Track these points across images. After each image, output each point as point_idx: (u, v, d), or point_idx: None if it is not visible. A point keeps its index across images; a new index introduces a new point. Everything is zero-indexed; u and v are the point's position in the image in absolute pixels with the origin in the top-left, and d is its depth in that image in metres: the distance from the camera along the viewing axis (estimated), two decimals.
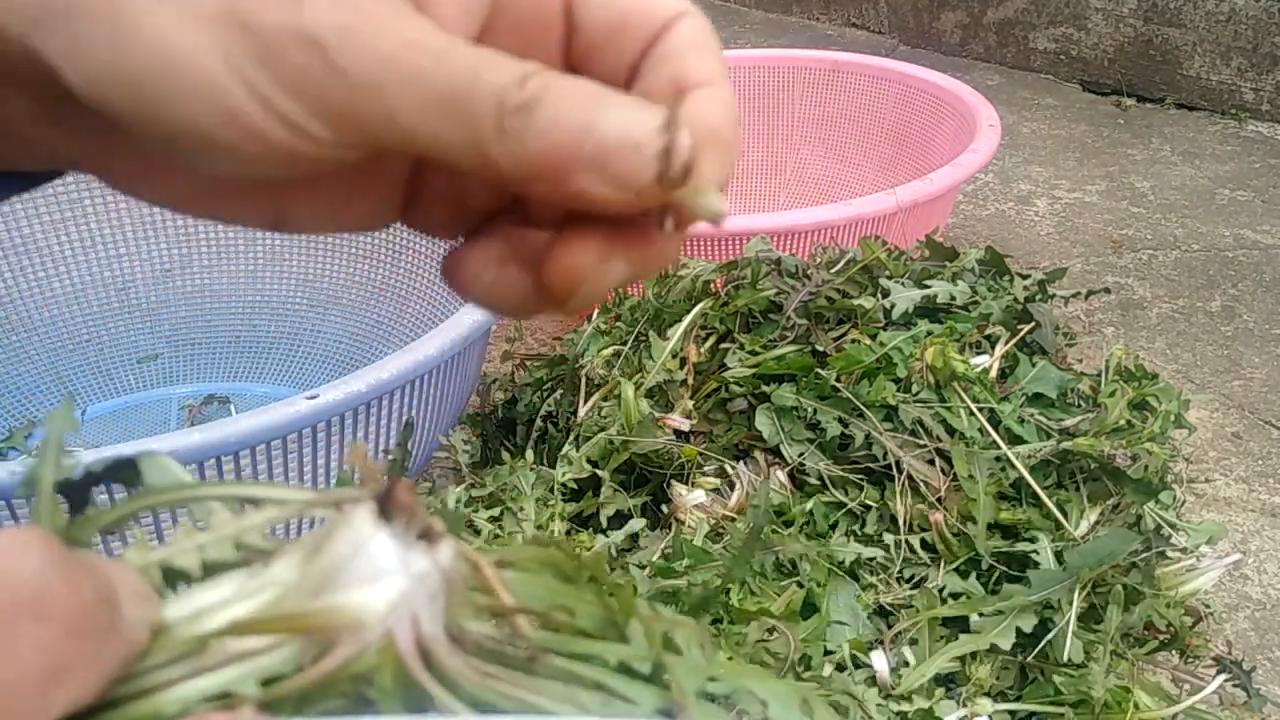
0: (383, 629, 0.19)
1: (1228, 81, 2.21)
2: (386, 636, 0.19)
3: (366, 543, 0.20)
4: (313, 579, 0.20)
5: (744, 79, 1.88)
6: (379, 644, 0.19)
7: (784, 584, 0.84)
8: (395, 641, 0.19)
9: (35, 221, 1.36)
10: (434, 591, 0.20)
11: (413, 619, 0.20)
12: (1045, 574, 0.81)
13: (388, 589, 0.19)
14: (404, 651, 0.19)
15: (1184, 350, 1.46)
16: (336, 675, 0.19)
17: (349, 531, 0.20)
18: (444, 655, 0.20)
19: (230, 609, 0.19)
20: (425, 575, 0.20)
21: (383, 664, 0.19)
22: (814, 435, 0.91)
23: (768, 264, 1.01)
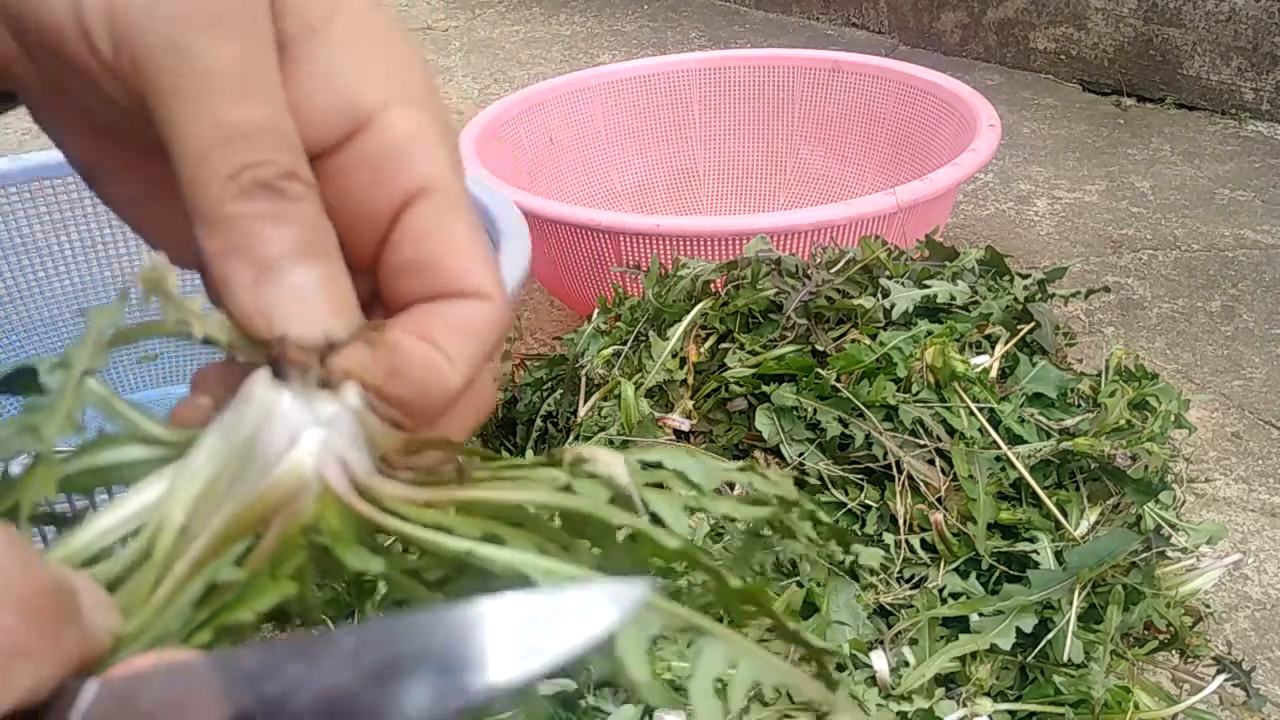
0: (317, 479, 0.20)
1: (1228, 81, 2.21)
2: (321, 484, 0.20)
3: (272, 405, 0.20)
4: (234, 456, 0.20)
5: (744, 79, 1.88)
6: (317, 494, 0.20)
7: (784, 584, 0.84)
8: (330, 486, 0.20)
9: (35, 222, 1.36)
10: (352, 431, 0.20)
11: (340, 461, 0.20)
12: (1045, 574, 0.81)
13: (308, 441, 0.20)
14: (341, 492, 0.20)
15: (1184, 350, 1.46)
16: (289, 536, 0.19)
17: (252, 400, 0.20)
18: (380, 486, 0.20)
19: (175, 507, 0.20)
20: (338, 418, 0.20)
21: (324, 509, 0.20)
22: (814, 435, 0.91)
23: (768, 264, 1.01)
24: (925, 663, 0.79)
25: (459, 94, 2.59)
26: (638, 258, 1.30)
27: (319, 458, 0.20)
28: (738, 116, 1.90)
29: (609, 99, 1.84)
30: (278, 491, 0.20)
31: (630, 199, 1.86)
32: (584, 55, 2.79)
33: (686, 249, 1.26)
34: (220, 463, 0.20)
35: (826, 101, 1.84)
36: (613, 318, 1.09)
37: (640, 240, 1.30)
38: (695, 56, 1.90)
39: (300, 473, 0.20)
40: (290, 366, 0.20)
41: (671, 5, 3.14)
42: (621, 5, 3.16)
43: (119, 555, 0.20)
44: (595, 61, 2.70)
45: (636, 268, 1.23)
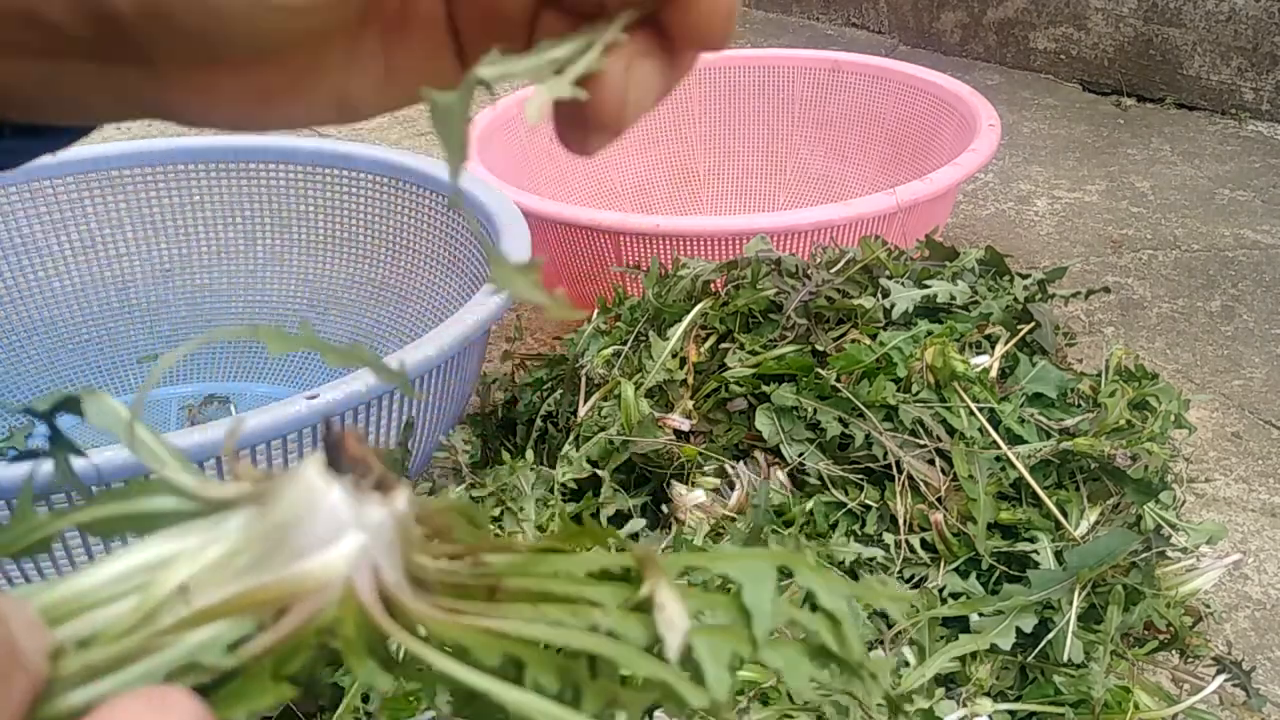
0: (344, 584, 0.19)
1: (1227, 81, 2.21)
2: (347, 588, 0.19)
3: (320, 498, 0.19)
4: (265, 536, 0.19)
5: (744, 79, 1.88)
6: (340, 596, 0.19)
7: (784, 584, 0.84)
8: (356, 593, 0.19)
9: (35, 222, 1.36)
10: (392, 541, 0.20)
11: (373, 570, 0.19)
12: (1045, 574, 0.81)
13: (346, 546, 0.19)
14: (366, 603, 0.19)
15: (1184, 350, 1.46)
16: (300, 633, 0.19)
17: (300, 486, 0.19)
18: (406, 600, 0.20)
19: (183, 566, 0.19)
20: (382, 525, 0.20)
21: (345, 615, 0.19)
22: (814, 435, 0.91)
23: (768, 264, 1.01)
24: (925, 663, 0.79)
25: None
26: (638, 258, 1.30)
27: (353, 564, 0.19)
28: (738, 116, 1.90)
29: None
30: (301, 586, 0.19)
31: (630, 199, 1.86)
32: None
33: (686, 249, 1.26)
34: (248, 537, 0.19)
35: (826, 101, 1.84)
36: (613, 318, 1.09)
37: (640, 240, 1.30)
38: None
39: (330, 574, 0.19)
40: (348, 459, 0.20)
41: None
42: None
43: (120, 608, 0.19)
44: None
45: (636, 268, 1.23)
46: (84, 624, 0.18)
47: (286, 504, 0.19)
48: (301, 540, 0.19)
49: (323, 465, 0.20)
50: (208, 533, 0.20)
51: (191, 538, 0.19)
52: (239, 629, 0.19)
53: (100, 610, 0.19)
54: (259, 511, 0.20)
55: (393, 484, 0.20)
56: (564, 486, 0.94)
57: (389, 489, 0.20)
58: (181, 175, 1.40)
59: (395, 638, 0.19)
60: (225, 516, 0.20)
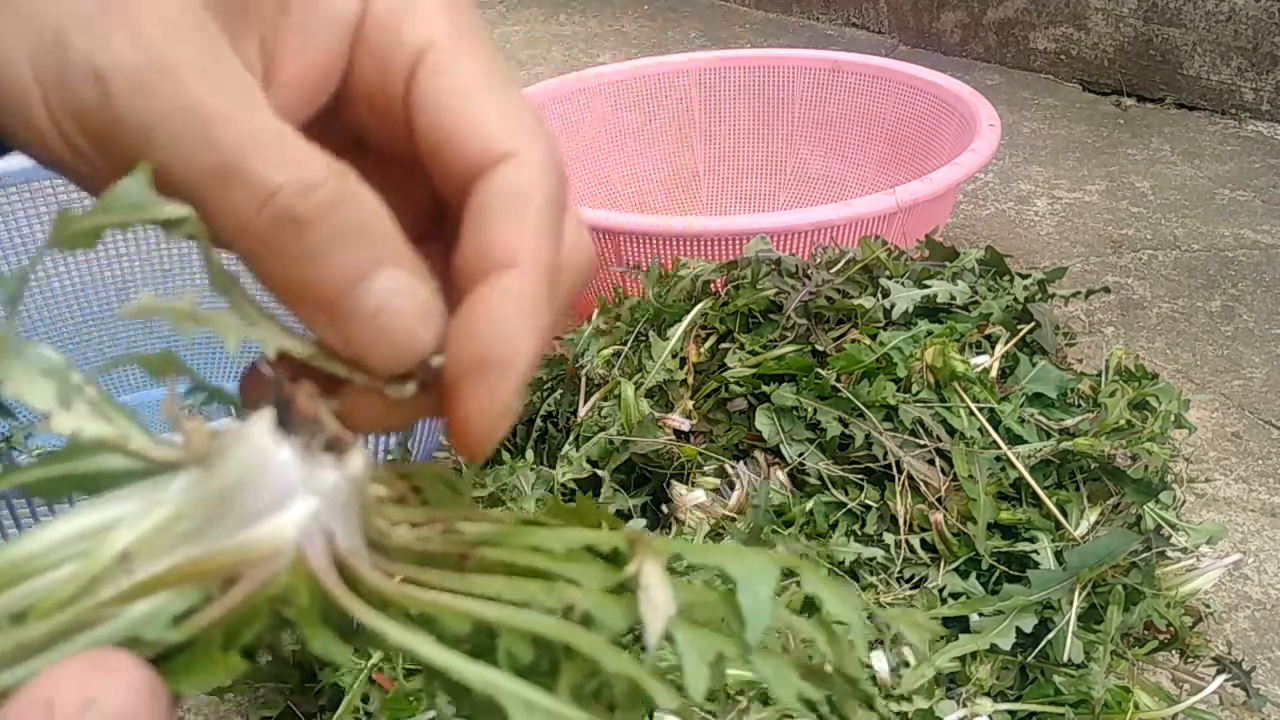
0: (295, 551, 0.18)
1: (1228, 81, 2.21)
2: (298, 556, 0.18)
3: (269, 459, 0.18)
4: (211, 499, 0.18)
5: (744, 79, 1.88)
6: (291, 564, 0.18)
7: (784, 584, 0.84)
8: (308, 561, 0.18)
9: (35, 222, 1.36)
10: (347, 504, 0.18)
11: (326, 536, 0.18)
12: (1045, 574, 0.81)
13: (297, 511, 0.18)
14: (318, 569, 0.18)
15: (1184, 350, 1.46)
16: (251, 603, 0.18)
17: (248, 446, 0.18)
18: (364, 568, 0.18)
19: (124, 531, 0.18)
20: (335, 489, 0.18)
21: (297, 584, 0.18)
22: (814, 435, 0.91)
23: (768, 264, 1.01)
24: (925, 663, 0.79)
25: None
26: (638, 258, 1.30)
27: (304, 530, 0.18)
28: (738, 116, 1.90)
29: (609, 99, 1.84)
30: (248, 554, 0.18)
31: (630, 199, 1.86)
32: (584, 55, 2.79)
33: (686, 249, 1.26)
34: (193, 501, 0.18)
35: (826, 101, 1.84)
36: (613, 318, 1.09)
37: (640, 240, 1.30)
38: (695, 56, 1.90)
39: (279, 541, 0.18)
40: (298, 418, 0.19)
41: (671, 5, 3.14)
42: (621, 5, 3.16)
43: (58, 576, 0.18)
44: (595, 61, 2.70)
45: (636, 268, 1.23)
46: (18, 595, 0.17)
47: (233, 466, 0.18)
48: (249, 504, 0.18)
49: (271, 424, 0.19)
50: (150, 496, 0.18)
51: (133, 501, 0.18)
52: (185, 600, 0.18)
53: (35, 580, 0.18)
54: (204, 473, 0.18)
55: (347, 444, 0.19)
56: (564, 486, 0.94)
57: (343, 450, 0.19)
58: None
59: (349, 608, 0.18)
60: (169, 478, 0.18)
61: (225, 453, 0.18)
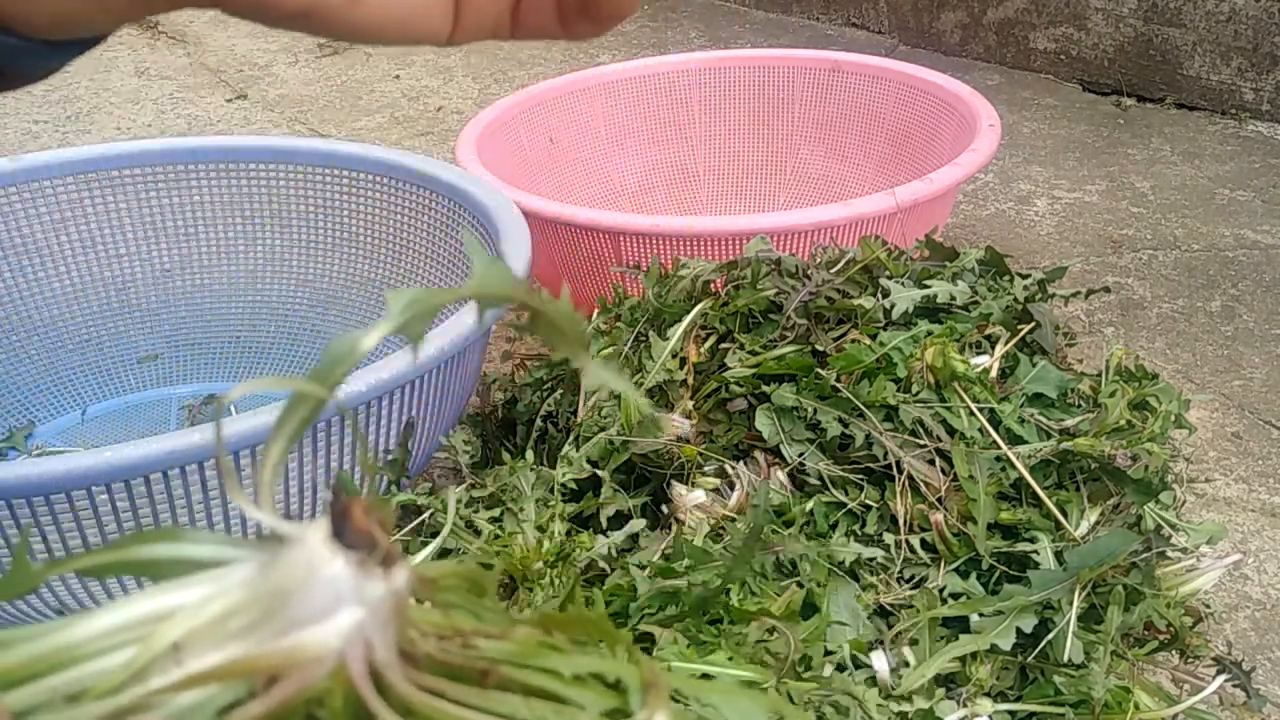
0: (336, 656, 0.19)
1: (1228, 81, 2.20)
2: (339, 662, 0.19)
3: (321, 568, 0.19)
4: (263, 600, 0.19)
5: (744, 79, 1.88)
6: (332, 669, 0.19)
7: (784, 584, 0.84)
8: (347, 668, 0.19)
9: (35, 222, 1.36)
10: (387, 617, 0.20)
11: (366, 645, 0.19)
12: (1045, 574, 0.81)
13: (343, 620, 0.19)
14: (356, 677, 0.19)
15: (1184, 350, 1.46)
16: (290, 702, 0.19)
17: (303, 553, 0.19)
18: (395, 678, 0.19)
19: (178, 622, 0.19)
20: (380, 602, 0.19)
21: (334, 688, 0.19)
22: (814, 435, 0.91)
23: (768, 264, 1.01)
24: (925, 663, 0.79)
25: (459, 94, 2.59)
26: (638, 258, 1.30)
27: (347, 638, 0.19)
28: (738, 116, 1.90)
29: (609, 99, 1.84)
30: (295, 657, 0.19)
31: (630, 199, 1.86)
32: (584, 55, 2.79)
33: (686, 249, 1.26)
34: (246, 599, 0.19)
35: (826, 101, 1.84)
36: (613, 318, 1.09)
37: (640, 240, 1.30)
38: (695, 56, 1.90)
39: (324, 648, 0.19)
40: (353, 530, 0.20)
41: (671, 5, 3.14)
42: None
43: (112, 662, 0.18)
44: (595, 61, 2.70)
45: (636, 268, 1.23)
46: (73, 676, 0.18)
47: (288, 570, 0.19)
48: (299, 609, 0.19)
49: (327, 535, 0.20)
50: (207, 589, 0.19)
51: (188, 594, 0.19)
52: (230, 693, 0.18)
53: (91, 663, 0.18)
54: (260, 574, 0.19)
55: (395, 559, 0.20)
56: (564, 487, 0.94)
57: (391, 564, 0.20)
58: (181, 175, 1.40)
59: (380, 715, 0.19)
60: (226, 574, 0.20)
61: (282, 556, 0.19)
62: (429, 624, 0.21)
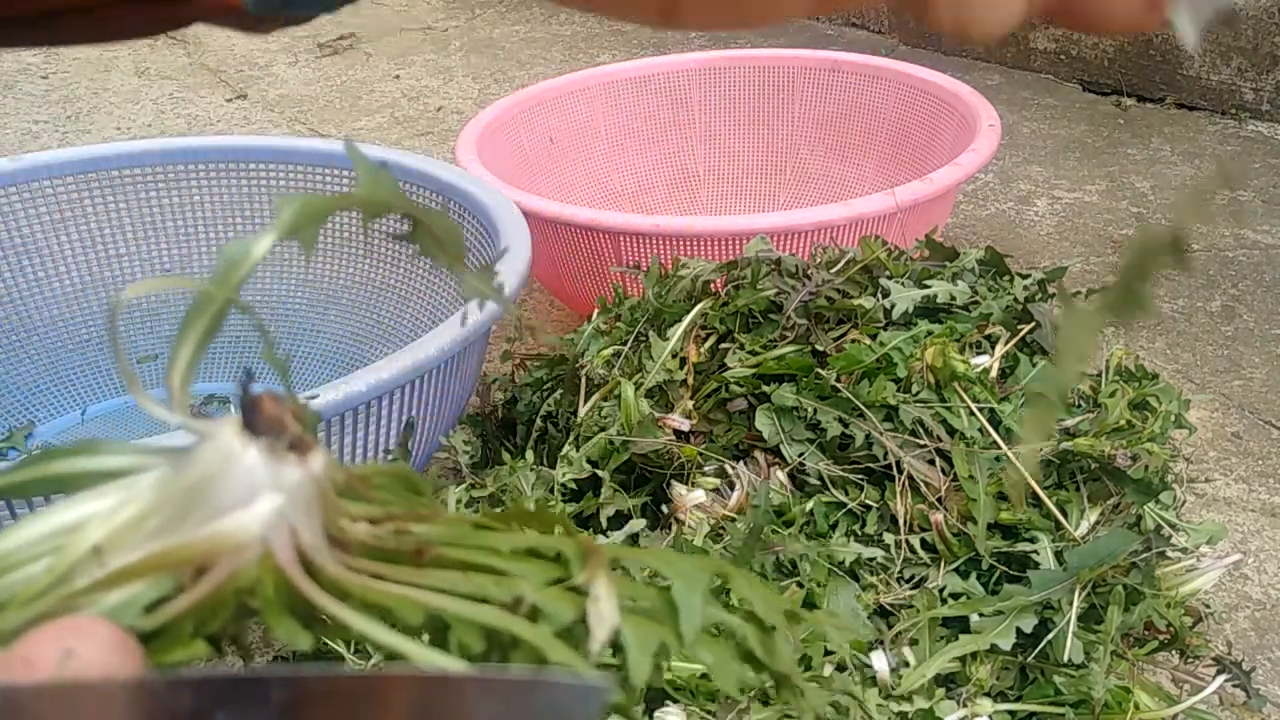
0: (261, 544, 0.19)
1: (1228, 81, 2.21)
2: (265, 549, 0.19)
3: (235, 459, 0.19)
4: (182, 496, 0.19)
5: (744, 79, 1.88)
6: (258, 557, 0.19)
7: (784, 584, 0.84)
8: (273, 554, 0.19)
9: (35, 222, 1.36)
10: (309, 501, 0.20)
11: (290, 530, 0.19)
12: (1045, 574, 0.81)
13: (262, 506, 0.19)
14: (283, 562, 0.19)
15: (1184, 350, 1.46)
16: (219, 592, 0.19)
17: (217, 444, 0.19)
18: (325, 561, 0.19)
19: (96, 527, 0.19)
20: (299, 486, 0.19)
21: (263, 575, 0.19)
22: (814, 435, 0.91)
23: (768, 264, 1.01)
24: (925, 663, 0.79)
25: (459, 94, 2.59)
26: (638, 258, 1.30)
27: (269, 525, 0.19)
28: (738, 116, 1.90)
29: (609, 99, 1.84)
30: (216, 545, 0.19)
31: (630, 199, 1.86)
32: (584, 55, 2.79)
33: (686, 249, 1.26)
34: (162, 498, 0.19)
35: (826, 101, 1.84)
36: (613, 318, 1.09)
37: (640, 240, 1.30)
38: (695, 56, 1.90)
39: (246, 534, 0.19)
40: (265, 420, 0.20)
41: None
42: None
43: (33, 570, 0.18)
44: (595, 61, 2.70)
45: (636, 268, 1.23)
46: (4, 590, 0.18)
47: (201, 465, 0.19)
48: (217, 501, 0.19)
49: (239, 426, 0.20)
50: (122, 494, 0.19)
51: (105, 500, 0.19)
52: (156, 590, 0.18)
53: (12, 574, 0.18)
54: (174, 473, 0.19)
55: (309, 445, 0.20)
56: (564, 487, 0.94)
57: (306, 450, 0.20)
58: (181, 175, 1.40)
59: (312, 597, 0.19)
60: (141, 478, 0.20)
61: (195, 453, 0.19)
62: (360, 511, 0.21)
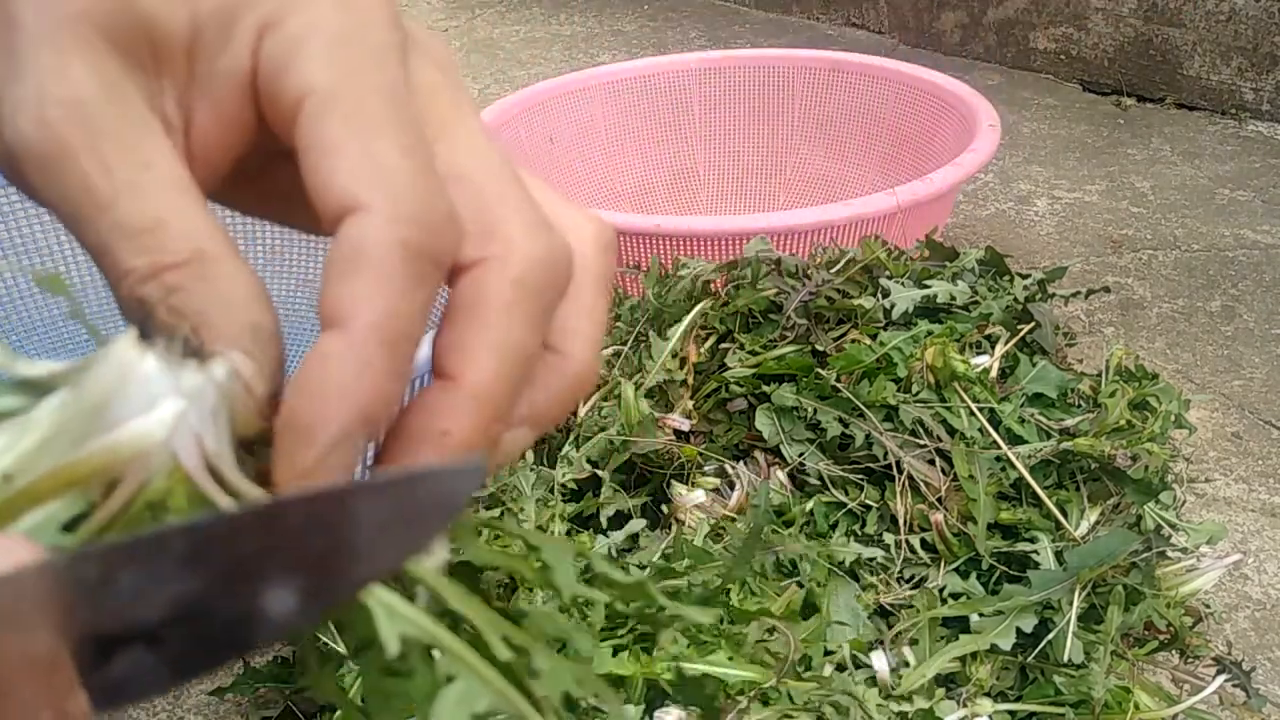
0: (167, 453, 0.19)
1: (1228, 81, 2.21)
2: (173, 459, 0.19)
3: (133, 368, 0.19)
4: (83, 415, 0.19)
5: (744, 79, 1.88)
6: (166, 468, 0.19)
7: (784, 584, 0.84)
8: (181, 463, 0.19)
9: (35, 222, 1.36)
10: (214, 408, 0.19)
11: (196, 438, 0.19)
12: (1045, 574, 0.81)
13: (164, 413, 0.19)
14: (191, 471, 0.19)
15: (1184, 350, 1.46)
16: (131, 506, 0.19)
17: (112, 359, 0.19)
18: (233, 472, 0.19)
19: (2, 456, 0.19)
20: (201, 392, 0.19)
21: (173, 486, 0.19)
22: (814, 435, 0.91)
23: (768, 264, 1.01)
24: (925, 663, 0.79)
25: None
26: (638, 258, 1.30)
27: (172, 430, 0.19)
28: (738, 116, 1.90)
29: (609, 99, 1.84)
30: (119, 453, 0.19)
31: (630, 199, 1.86)
32: (584, 55, 2.79)
33: (686, 249, 1.26)
34: (65, 418, 0.19)
35: (826, 101, 1.84)
36: (613, 318, 1.09)
37: (640, 240, 1.30)
38: (695, 56, 1.90)
39: (148, 441, 0.19)
40: (159, 329, 0.19)
41: (671, 5, 3.14)
42: (621, 5, 3.16)
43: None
44: (595, 61, 2.70)
45: (636, 268, 1.23)
46: None
47: (99, 381, 0.19)
48: (119, 414, 0.19)
49: (135, 339, 0.19)
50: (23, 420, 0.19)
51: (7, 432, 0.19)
52: (70, 508, 0.18)
53: None
54: (73, 393, 0.19)
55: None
56: (564, 487, 0.94)
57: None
58: None
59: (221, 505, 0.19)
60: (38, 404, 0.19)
61: (92, 370, 0.19)
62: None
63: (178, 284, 0.19)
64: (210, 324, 0.19)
